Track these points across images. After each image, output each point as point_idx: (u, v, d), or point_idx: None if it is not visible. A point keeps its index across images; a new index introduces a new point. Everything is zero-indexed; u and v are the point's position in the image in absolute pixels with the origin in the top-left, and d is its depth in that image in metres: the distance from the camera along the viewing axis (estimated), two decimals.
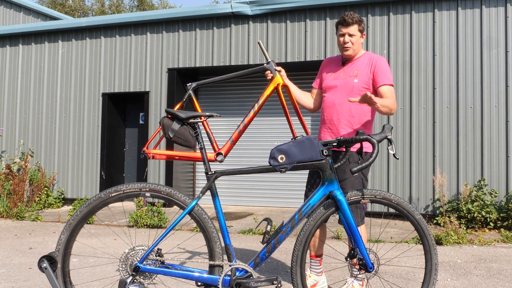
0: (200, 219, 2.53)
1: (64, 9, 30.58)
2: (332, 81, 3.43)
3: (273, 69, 3.22)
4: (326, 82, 3.47)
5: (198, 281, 2.52)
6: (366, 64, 3.35)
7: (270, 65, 3.22)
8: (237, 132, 2.91)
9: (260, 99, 3.04)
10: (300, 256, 2.56)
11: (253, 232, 6.25)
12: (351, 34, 3.31)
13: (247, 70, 3.21)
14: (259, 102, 3.03)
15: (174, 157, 2.79)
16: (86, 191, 9.20)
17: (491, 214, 6.39)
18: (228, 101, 9.32)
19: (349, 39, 3.32)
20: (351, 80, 3.33)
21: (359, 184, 3.32)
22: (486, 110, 7.02)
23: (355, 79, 3.32)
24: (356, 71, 3.35)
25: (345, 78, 3.37)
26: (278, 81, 3.20)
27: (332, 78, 3.45)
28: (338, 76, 3.42)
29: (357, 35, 3.33)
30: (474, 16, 7.19)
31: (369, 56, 3.39)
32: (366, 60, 3.37)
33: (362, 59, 3.39)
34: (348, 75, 3.36)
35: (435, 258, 2.67)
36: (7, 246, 5.40)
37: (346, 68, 3.41)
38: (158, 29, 8.98)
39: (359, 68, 3.35)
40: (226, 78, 3.17)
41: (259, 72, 3.23)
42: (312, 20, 8.02)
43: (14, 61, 9.94)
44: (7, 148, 9.78)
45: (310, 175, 3.53)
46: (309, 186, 3.50)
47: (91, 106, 9.32)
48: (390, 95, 3.25)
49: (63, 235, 2.47)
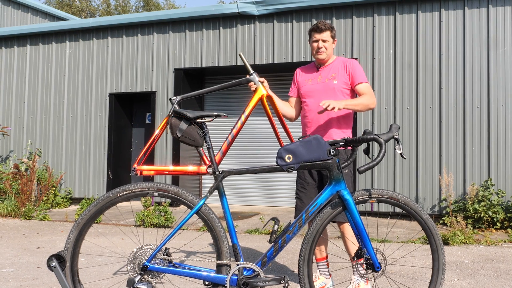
0: (207, 218, 2.54)
1: (71, 9, 30.71)
2: (312, 86, 3.58)
3: (256, 80, 3.24)
4: (305, 88, 3.61)
5: (205, 280, 2.54)
6: (341, 66, 3.55)
7: (253, 77, 3.24)
8: (227, 144, 2.91)
9: (245, 110, 3.04)
10: (307, 255, 2.57)
11: (260, 232, 6.26)
12: (324, 40, 3.53)
13: (230, 83, 3.21)
14: (245, 113, 3.04)
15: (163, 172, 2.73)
16: (93, 191, 9.25)
17: (498, 214, 6.37)
18: (232, 101, 9.33)
19: (322, 45, 3.53)
20: (330, 82, 3.51)
21: (349, 181, 3.43)
22: (492, 109, 7.00)
23: (334, 81, 3.51)
24: (334, 73, 3.53)
25: (324, 82, 3.53)
26: (262, 92, 3.22)
27: (310, 84, 3.60)
28: (316, 81, 3.57)
29: (329, 41, 3.54)
30: (480, 16, 7.16)
31: (342, 60, 3.62)
32: (340, 63, 3.58)
33: (336, 62, 3.60)
34: (327, 78, 3.54)
35: (442, 258, 2.67)
36: (16, 245, 5.44)
37: (322, 72, 3.58)
38: (165, 29, 9.01)
39: (335, 71, 3.54)
40: (210, 90, 3.17)
41: (242, 84, 3.25)
42: (319, 20, 8.00)
43: (22, 62, 10.01)
44: (15, 148, 9.85)
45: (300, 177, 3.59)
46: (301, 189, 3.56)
47: (98, 106, 9.37)
48: (366, 91, 3.46)
49: (72, 234, 2.49)
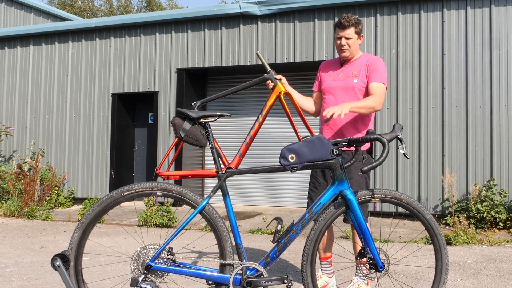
0: (211, 218, 2.55)
1: (73, 10, 30.75)
2: (332, 82, 3.51)
3: (274, 78, 3.24)
4: (326, 84, 3.55)
5: (209, 279, 2.54)
6: (364, 64, 3.44)
7: (270, 75, 3.24)
8: (245, 145, 2.91)
9: (263, 109, 3.05)
10: (310, 255, 2.57)
11: (262, 232, 6.26)
12: (348, 37, 3.40)
13: (248, 83, 3.23)
14: (263, 113, 3.04)
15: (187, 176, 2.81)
16: (96, 191, 9.27)
17: (500, 214, 6.36)
18: (237, 101, 9.34)
19: (346, 42, 3.41)
20: (351, 80, 3.42)
21: (364, 183, 3.38)
22: (495, 109, 6.99)
23: (354, 79, 3.41)
24: (355, 71, 3.44)
25: (345, 79, 3.45)
26: (280, 89, 3.22)
27: (331, 80, 3.53)
28: (338, 78, 3.50)
29: (353, 38, 3.41)
30: (483, 15, 7.15)
31: (367, 57, 3.49)
32: (364, 60, 3.46)
33: (360, 60, 3.48)
34: (348, 76, 3.45)
35: (445, 258, 2.67)
36: (19, 245, 5.45)
37: (345, 69, 3.50)
38: (167, 29, 9.03)
39: (357, 68, 3.44)
40: (229, 92, 3.20)
41: (260, 83, 3.26)
42: (321, 20, 8.02)
43: (25, 62, 10.04)
44: (18, 148, 9.88)
45: (313, 176, 3.57)
46: (312, 188, 3.54)
47: (101, 106, 9.38)
48: (375, 91, 3.32)
49: (76, 234, 2.50)
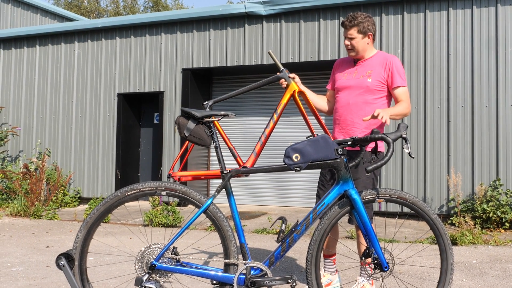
0: (215, 217, 2.55)
1: (79, 10, 30.87)
2: (346, 81, 3.44)
3: (287, 77, 3.23)
4: (340, 83, 3.48)
5: (213, 279, 2.54)
6: (380, 63, 3.35)
7: (284, 74, 3.23)
8: (260, 144, 2.91)
9: (278, 108, 3.04)
10: (314, 255, 2.57)
11: (267, 232, 6.26)
12: (351, 37, 3.35)
13: (261, 82, 3.22)
14: (277, 111, 3.03)
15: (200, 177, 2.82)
16: (101, 190, 9.29)
17: (506, 214, 6.32)
18: (243, 100, 9.34)
19: (349, 42, 3.36)
20: (364, 80, 3.34)
21: (371, 183, 3.34)
22: (501, 109, 6.95)
23: (368, 78, 3.33)
24: (370, 70, 3.35)
25: (358, 78, 3.37)
26: (294, 88, 3.21)
27: (345, 79, 3.45)
28: (351, 77, 3.42)
29: (357, 37, 3.34)
30: (489, 15, 7.11)
31: (383, 56, 3.40)
32: (380, 59, 3.38)
33: (374, 58, 3.40)
34: (362, 75, 3.37)
35: (450, 258, 2.66)
36: (25, 244, 5.48)
37: (359, 68, 3.41)
38: (173, 29, 9.04)
39: (372, 68, 3.36)
40: (241, 92, 3.19)
41: (273, 82, 3.24)
42: (326, 20, 8.00)
43: (32, 62, 10.09)
44: (25, 148, 9.93)
45: (322, 174, 3.54)
46: (321, 186, 3.51)
47: (106, 106, 9.41)
48: (404, 97, 3.31)
49: (81, 233, 2.51)
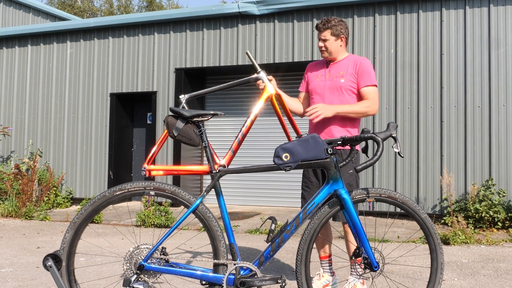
0: (204, 217, 2.53)
1: (73, 10, 30.75)
2: (320, 82, 3.54)
3: (265, 78, 3.23)
4: (314, 84, 3.57)
5: (202, 279, 2.53)
6: (351, 65, 3.47)
7: (262, 75, 3.23)
8: (237, 142, 2.90)
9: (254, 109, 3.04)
10: (304, 255, 2.55)
11: (260, 232, 6.25)
12: (324, 39, 3.48)
13: (238, 81, 3.21)
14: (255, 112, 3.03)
15: (172, 172, 2.75)
16: (94, 191, 9.25)
17: (499, 214, 6.34)
18: (232, 99, 9.32)
19: (323, 44, 3.49)
20: (337, 80, 3.45)
21: (354, 181, 3.39)
22: (494, 109, 6.97)
23: (341, 79, 3.44)
24: (342, 71, 3.47)
25: (332, 79, 3.49)
26: (270, 90, 3.22)
27: (319, 80, 3.55)
28: (325, 78, 3.53)
29: (330, 39, 3.47)
30: (482, 15, 7.13)
31: (353, 58, 3.53)
32: (351, 61, 3.50)
33: (346, 60, 3.52)
34: (335, 76, 3.48)
35: (440, 257, 2.65)
36: (15, 245, 5.44)
37: (332, 70, 3.53)
38: (166, 29, 9.01)
39: (343, 69, 3.47)
40: (218, 89, 3.18)
41: (250, 83, 3.24)
42: (319, 20, 7.98)
43: (23, 62, 10.02)
44: (16, 148, 9.86)
45: (305, 176, 3.57)
46: (305, 188, 3.54)
47: (99, 106, 9.37)
48: (370, 96, 3.40)
49: (68, 233, 2.49)
